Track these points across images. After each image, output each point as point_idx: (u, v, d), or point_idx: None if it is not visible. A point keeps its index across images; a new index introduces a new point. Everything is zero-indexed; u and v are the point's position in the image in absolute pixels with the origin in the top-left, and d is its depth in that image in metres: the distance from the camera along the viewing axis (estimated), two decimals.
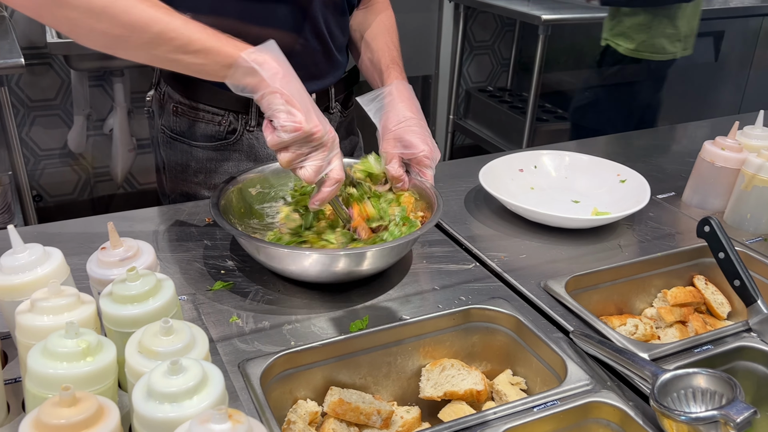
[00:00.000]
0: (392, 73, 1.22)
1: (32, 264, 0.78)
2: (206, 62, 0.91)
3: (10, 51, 2.24)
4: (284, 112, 0.90)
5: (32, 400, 0.66)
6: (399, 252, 1.05)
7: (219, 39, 0.91)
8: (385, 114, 1.13)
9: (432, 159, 1.08)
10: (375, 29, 1.34)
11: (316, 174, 0.94)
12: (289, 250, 0.99)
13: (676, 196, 1.39)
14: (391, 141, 1.09)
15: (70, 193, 3.29)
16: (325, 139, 0.93)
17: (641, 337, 1.06)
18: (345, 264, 0.99)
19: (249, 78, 0.91)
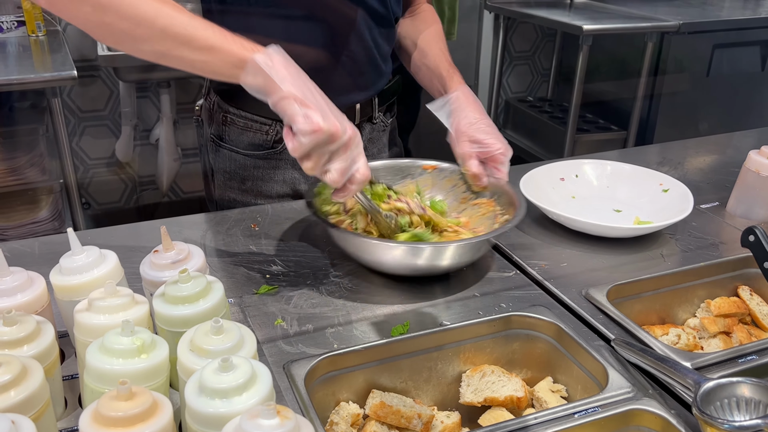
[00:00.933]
0: (455, 79, 1.27)
1: (89, 265, 0.82)
2: (212, 60, 0.90)
3: (63, 64, 2.33)
4: (301, 116, 0.88)
5: (90, 395, 0.69)
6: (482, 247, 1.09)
7: (225, 37, 0.90)
8: (456, 118, 1.18)
9: (506, 155, 1.15)
10: (428, 37, 1.38)
11: (343, 176, 0.92)
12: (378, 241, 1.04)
13: (721, 206, 1.38)
14: (466, 142, 1.15)
15: (117, 201, 3.38)
16: (345, 138, 0.91)
17: (684, 347, 1.05)
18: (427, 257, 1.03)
19: (260, 80, 0.89)
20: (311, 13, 1.21)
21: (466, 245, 1.04)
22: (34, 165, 2.53)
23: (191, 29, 0.89)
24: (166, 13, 0.88)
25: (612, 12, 3.41)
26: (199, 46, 0.89)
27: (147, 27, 0.88)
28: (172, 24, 0.88)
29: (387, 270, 1.08)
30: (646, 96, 3.32)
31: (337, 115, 0.91)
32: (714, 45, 3.31)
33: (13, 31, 2.70)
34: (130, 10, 0.87)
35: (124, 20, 0.88)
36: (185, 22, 0.89)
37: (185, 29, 0.89)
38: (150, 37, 0.89)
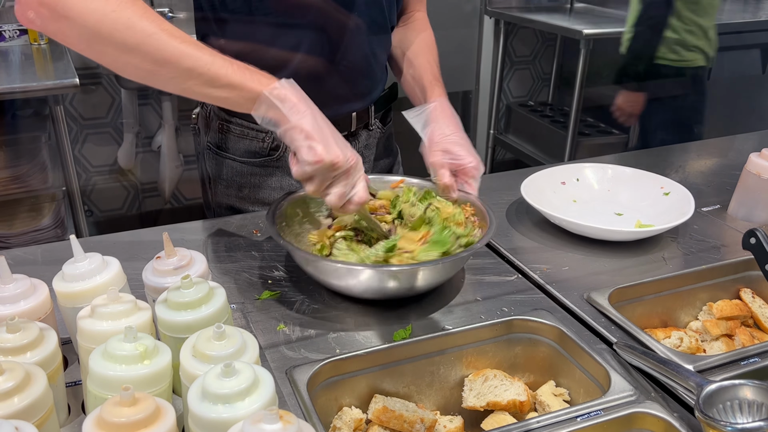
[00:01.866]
0: (435, 90, 1.27)
1: (92, 272, 0.82)
2: (232, 96, 0.95)
3: (65, 71, 2.34)
4: (305, 147, 0.94)
5: (93, 401, 0.69)
6: (453, 268, 1.07)
7: (244, 74, 0.95)
8: (430, 128, 1.18)
9: (478, 170, 1.14)
10: (417, 47, 1.38)
11: (341, 200, 0.98)
12: (341, 265, 1.00)
13: (722, 209, 1.38)
14: (439, 153, 1.15)
15: (119, 208, 3.39)
16: (346, 167, 0.97)
17: (686, 349, 1.05)
18: (396, 281, 0.99)
19: (271, 112, 0.95)
20: (310, 23, 1.21)
21: (435, 268, 1.00)
22: (37, 172, 2.54)
23: (214, 69, 0.94)
24: (189, 54, 0.92)
25: (612, 16, 3.42)
26: (221, 84, 0.94)
27: (172, 68, 0.93)
28: (196, 65, 0.93)
29: (354, 294, 1.04)
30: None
31: (341, 144, 0.97)
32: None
33: (16, 39, 2.71)
34: (155, 53, 0.91)
35: (151, 63, 0.92)
36: (208, 62, 0.93)
37: (208, 69, 0.93)
38: (175, 77, 0.94)
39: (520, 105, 3.94)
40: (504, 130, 3.96)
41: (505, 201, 1.40)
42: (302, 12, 1.21)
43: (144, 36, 0.90)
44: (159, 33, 0.91)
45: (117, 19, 0.89)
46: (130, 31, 0.90)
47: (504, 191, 1.43)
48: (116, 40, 0.90)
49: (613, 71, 3.48)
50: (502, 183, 1.48)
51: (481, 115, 3.90)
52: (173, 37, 0.92)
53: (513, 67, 3.94)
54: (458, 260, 1.04)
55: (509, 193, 1.41)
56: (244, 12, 1.21)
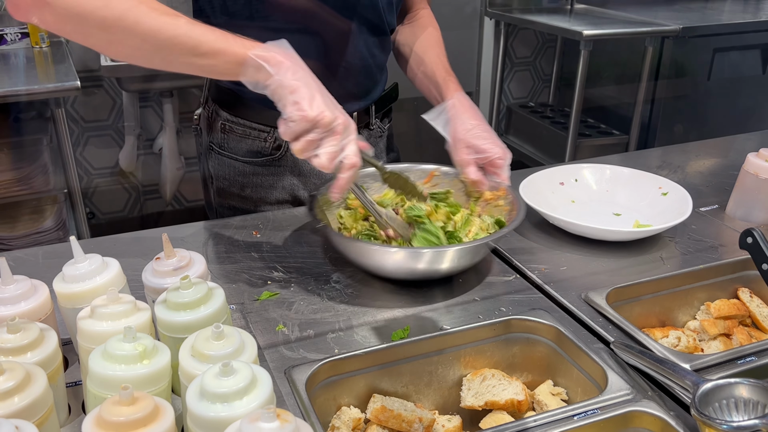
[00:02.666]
0: (450, 86, 1.27)
1: (92, 273, 0.82)
2: (217, 63, 0.94)
3: (66, 74, 2.35)
4: (290, 103, 0.92)
5: (93, 400, 0.69)
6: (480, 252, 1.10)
7: (227, 39, 0.94)
8: (453, 125, 1.18)
9: (505, 159, 1.14)
10: (425, 43, 1.38)
11: (331, 161, 0.94)
12: (377, 246, 1.05)
13: (720, 209, 1.38)
14: (464, 149, 1.15)
15: (120, 210, 3.39)
16: (335, 125, 0.94)
17: (684, 349, 1.06)
18: (427, 261, 1.03)
19: (258, 74, 0.94)
20: (306, 26, 1.22)
21: (465, 249, 1.05)
22: (39, 175, 2.55)
23: (195, 36, 0.93)
24: (169, 23, 0.92)
25: (612, 17, 3.42)
26: (204, 51, 0.93)
27: (153, 40, 0.92)
28: (177, 35, 0.92)
29: (386, 274, 1.09)
30: (647, 100, 3.33)
31: (330, 103, 0.95)
32: (714, 49, 3.32)
33: (17, 42, 2.72)
34: (135, 27, 0.90)
35: (131, 36, 0.91)
36: (189, 30, 0.92)
37: (189, 37, 0.92)
38: (157, 49, 0.93)
39: (521, 106, 3.94)
40: (505, 132, 3.96)
41: None
42: (300, 15, 1.22)
43: (122, 11, 0.90)
44: (137, 6, 0.90)
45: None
46: (108, 8, 0.89)
47: None
48: (96, 18, 0.89)
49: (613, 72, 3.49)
50: None
51: None
52: (152, 9, 0.91)
53: (513, 68, 3.94)
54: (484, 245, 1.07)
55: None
56: (242, 16, 1.21)
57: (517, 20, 3.52)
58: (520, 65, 3.96)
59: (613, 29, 3.13)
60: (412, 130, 1.24)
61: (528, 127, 3.78)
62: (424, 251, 1.03)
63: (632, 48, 3.34)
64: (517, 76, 3.98)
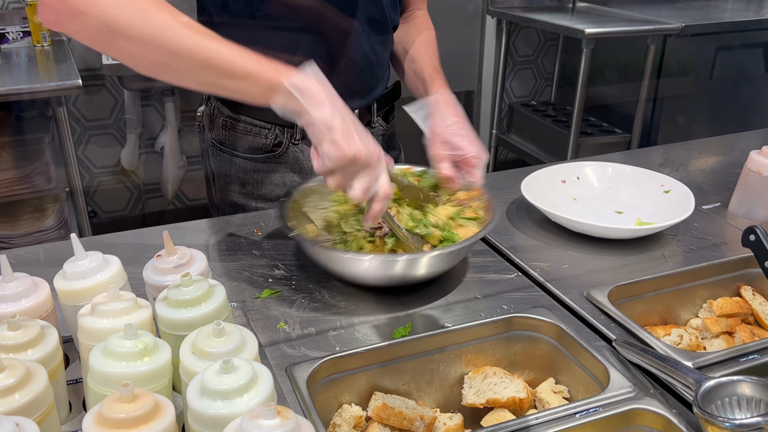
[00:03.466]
0: (436, 83, 1.27)
1: (93, 270, 0.82)
2: (249, 87, 0.93)
3: (68, 73, 2.35)
4: (327, 141, 0.91)
5: (93, 397, 0.69)
6: (456, 257, 1.09)
7: (261, 64, 0.93)
8: (432, 120, 1.18)
9: (480, 159, 1.13)
10: (417, 42, 1.39)
11: (365, 193, 0.95)
12: (350, 255, 1.03)
13: (722, 207, 1.38)
14: (440, 144, 1.14)
15: (122, 209, 3.40)
16: (369, 160, 0.94)
17: (686, 347, 1.05)
18: (401, 268, 1.02)
19: (291, 103, 0.93)
20: (309, 23, 1.22)
21: (440, 255, 1.03)
22: (40, 173, 2.55)
23: (230, 59, 0.92)
24: (205, 45, 0.91)
25: (614, 15, 3.42)
26: (238, 74, 0.92)
27: (188, 59, 0.91)
28: (211, 56, 0.91)
29: (361, 282, 1.07)
30: (650, 99, 3.32)
31: (363, 137, 0.94)
32: (717, 47, 3.32)
33: (19, 41, 2.72)
34: (170, 44, 0.90)
35: (165, 54, 0.91)
36: (224, 52, 0.92)
37: (224, 60, 0.92)
38: (191, 69, 0.93)
39: (523, 105, 3.94)
40: (506, 130, 3.96)
41: (506, 199, 1.40)
42: (303, 13, 1.22)
43: (159, 27, 0.89)
44: (174, 24, 0.90)
45: (133, 12, 0.89)
46: (146, 22, 0.89)
47: (505, 190, 1.43)
48: (132, 32, 0.89)
49: (615, 70, 3.49)
50: (503, 181, 1.48)
51: (484, 115, 3.90)
52: (189, 29, 0.91)
53: (515, 66, 3.94)
54: (457, 251, 1.05)
55: (510, 191, 1.41)
56: (245, 14, 1.21)
57: (519, 18, 3.52)
58: (522, 63, 3.95)
59: (615, 27, 3.12)
60: (414, 129, 1.23)
61: (530, 126, 3.78)
62: (398, 258, 1.01)
63: (634, 46, 3.34)
64: (519, 75, 3.97)
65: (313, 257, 1.10)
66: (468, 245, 1.05)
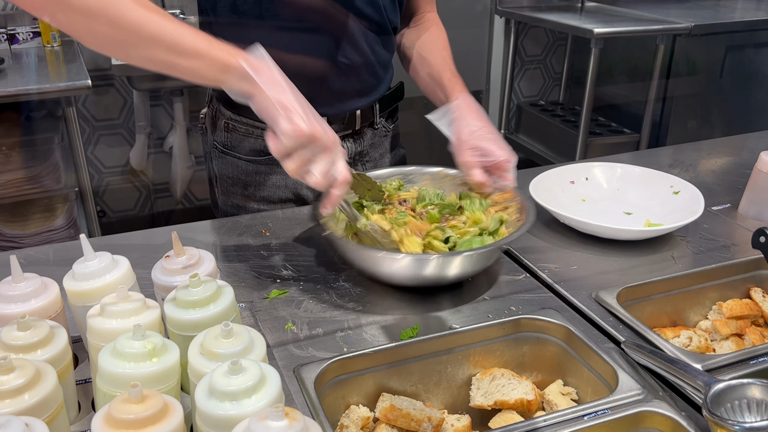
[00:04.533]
0: (456, 87, 1.26)
1: (102, 271, 0.83)
2: (199, 66, 0.92)
3: (77, 73, 2.36)
4: (284, 119, 0.91)
5: (102, 398, 0.70)
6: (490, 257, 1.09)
7: (212, 44, 0.92)
8: (457, 127, 1.18)
9: (511, 162, 1.14)
10: (430, 45, 1.38)
11: (325, 178, 0.95)
12: (383, 254, 1.03)
13: (732, 208, 1.37)
14: (468, 151, 1.15)
15: (131, 209, 3.41)
16: (326, 142, 0.94)
17: (696, 349, 1.05)
18: (433, 268, 1.02)
19: (244, 84, 0.92)
20: (307, 23, 1.22)
21: (474, 255, 1.03)
22: (50, 174, 2.56)
23: (178, 36, 0.91)
24: (154, 20, 0.90)
25: (623, 15, 3.40)
26: (185, 52, 0.91)
27: (135, 33, 0.90)
28: (159, 31, 0.90)
29: (393, 281, 1.08)
30: (659, 99, 3.31)
31: (318, 119, 0.94)
32: (727, 47, 3.30)
33: (29, 42, 2.74)
34: (118, 18, 0.88)
35: (113, 27, 0.89)
36: (172, 29, 0.91)
37: (172, 36, 0.90)
38: (138, 43, 0.91)
39: (531, 105, 3.93)
40: (515, 130, 3.95)
41: None
42: (300, 12, 1.21)
43: (109, 0, 0.88)
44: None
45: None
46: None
47: None
48: (79, 4, 0.87)
49: (624, 70, 3.47)
50: None
51: (492, 115, 3.89)
52: (139, 4, 0.90)
53: (524, 66, 3.93)
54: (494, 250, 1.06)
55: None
56: (245, 15, 1.21)
57: (527, 18, 3.51)
58: (531, 63, 3.94)
59: (624, 27, 3.11)
60: (420, 130, 1.23)
61: (538, 126, 3.77)
62: (431, 257, 1.01)
63: (643, 46, 3.32)
64: (527, 75, 3.96)
65: (345, 255, 1.11)
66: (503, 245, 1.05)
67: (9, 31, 2.72)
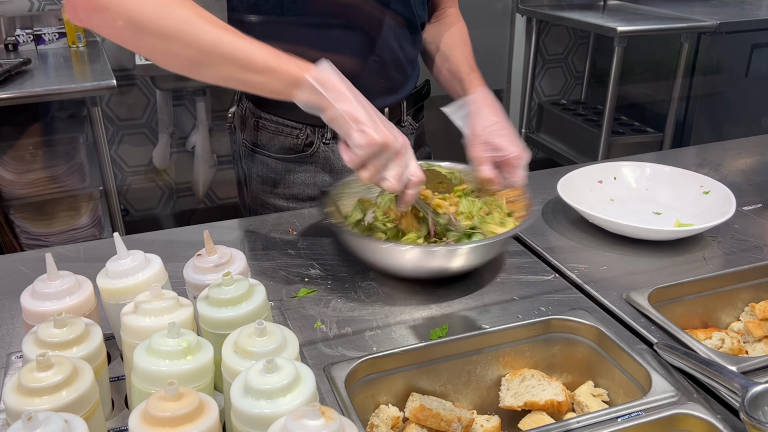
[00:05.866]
0: (474, 82, 1.26)
1: (135, 269, 0.83)
2: (270, 81, 0.94)
3: (102, 73, 2.39)
4: (355, 131, 0.92)
5: (137, 395, 0.70)
6: (495, 249, 1.09)
7: (281, 58, 0.94)
8: (472, 120, 1.17)
9: (521, 159, 1.12)
10: (450, 40, 1.38)
11: (399, 181, 0.96)
12: (389, 245, 1.04)
13: (764, 208, 1.35)
14: (481, 146, 1.14)
15: (154, 208, 3.44)
16: (397, 146, 0.95)
17: (728, 351, 1.03)
18: (440, 260, 1.02)
19: (314, 98, 0.94)
20: (336, 20, 1.22)
21: (477, 247, 1.04)
22: (75, 173, 2.59)
23: (250, 53, 0.93)
24: (226, 39, 0.93)
25: (646, 13, 3.37)
26: (258, 68, 0.94)
27: (208, 53, 0.93)
28: (232, 50, 0.93)
29: (398, 273, 1.09)
30: (683, 98, 3.27)
31: (388, 125, 0.96)
32: (753, 45, 3.25)
33: (55, 42, 2.77)
34: (192, 39, 0.92)
35: (187, 48, 0.92)
36: (244, 46, 0.93)
37: (245, 54, 0.93)
38: (212, 63, 0.94)
39: (553, 104, 3.91)
40: (536, 129, 3.93)
41: (541, 200, 1.38)
42: (330, 9, 1.22)
43: (180, 22, 0.91)
44: (195, 19, 0.91)
45: (154, 8, 0.90)
46: (167, 17, 0.91)
47: (538, 190, 1.42)
48: (154, 28, 0.91)
49: (647, 68, 3.43)
50: (536, 182, 1.45)
51: (513, 114, 3.88)
52: (210, 24, 0.92)
53: (545, 65, 3.90)
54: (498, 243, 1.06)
55: (544, 192, 1.40)
56: (274, 12, 1.22)
57: (549, 17, 3.49)
58: (552, 62, 3.92)
59: (648, 25, 3.08)
60: (443, 128, 1.23)
61: (560, 125, 3.75)
62: (435, 249, 1.02)
63: (667, 44, 3.29)
64: (548, 73, 3.94)
65: (348, 247, 1.11)
66: (503, 239, 1.05)
67: (35, 32, 2.75)
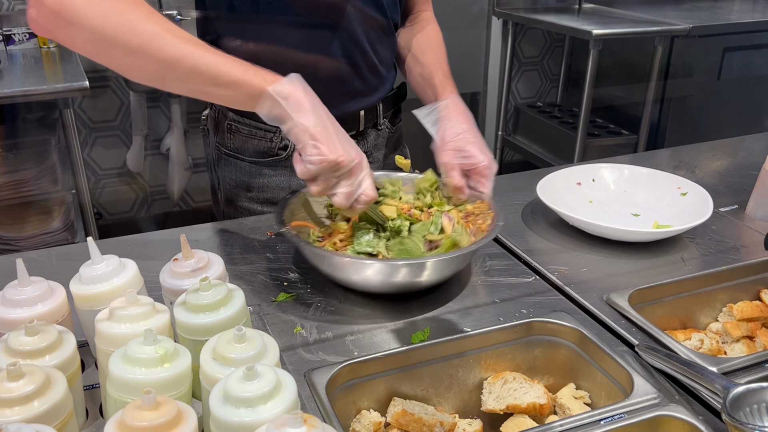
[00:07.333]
0: (447, 88, 1.25)
1: (109, 274, 0.81)
2: (235, 93, 0.95)
3: (74, 74, 2.34)
4: (310, 146, 0.93)
5: (113, 404, 0.68)
6: (460, 263, 1.06)
7: (247, 71, 0.94)
8: (442, 126, 1.16)
9: (491, 170, 1.10)
10: (423, 44, 1.37)
11: (347, 200, 0.97)
12: (352, 259, 1.01)
13: (740, 209, 1.36)
14: (450, 152, 1.12)
15: (128, 211, 3.39)
16: (352, 166, 0.96)
17: (707, 351, 1.04)
18: (405, 274, 1.00)
19: (275, 110, 0.94)
20: (309, 22, 1.21)
21: (445, 260, 1.01)
22: (46, 176, 2.54)
23: (216, 67, 0.93)
24: (192, 53, 0.92)
25: (620, 16, 3.40)
26: (224, 82, 0.94)
27: (175, 68, 0.93)
28: (198, 63, 0.92)
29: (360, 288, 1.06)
30: (657, 100, 3.31)
31: (345, 143, 0.96)
32: (724, 48, 3.30)
33: (25, 43, 2.71)
34: (158, 54, 0.91)
35: (153, 63, 0.92)
36: (210, 60, 0.93)
37: (210, 68, 0.93)
38: (178, 77, 0.94)
39: (529, 106, 3.93)
40: (512, 132, 3.94)
41: (520, 202, 1.38)
42: (302, 11, 1.20)
43: (147, 37, 0.90)
44: (162, 33, 0.91)
45: (121, 22, 0.90)
46: (134, 32, 0.90)
47: (516, 192, 1.42)
48: (121, 42, 0.90)
49: (622, 71, 3.47)
50: (514, 184, 1.47)
51: (489, 116, 3.89)
52: (176, 38, 0.92)
53: (521, 68, 3.92)
54: (463, 256, 1.03)
55: (522, 194, 1.40)
56: (244, 11, 1.20)
57: (524, 20, 3.51)
58: (528, 65, 3.94)
59: (622, 29, 3.11)
60: (422, 130, 1.21)
61: (536, 127, 3.77)
62: (399, 263, 1.00)
63: (641, 47, 3.32)
64: (524, 76, 3.96)
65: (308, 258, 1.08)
66: (470, 252, 1.02)
67: (5, 32, 2.69)
